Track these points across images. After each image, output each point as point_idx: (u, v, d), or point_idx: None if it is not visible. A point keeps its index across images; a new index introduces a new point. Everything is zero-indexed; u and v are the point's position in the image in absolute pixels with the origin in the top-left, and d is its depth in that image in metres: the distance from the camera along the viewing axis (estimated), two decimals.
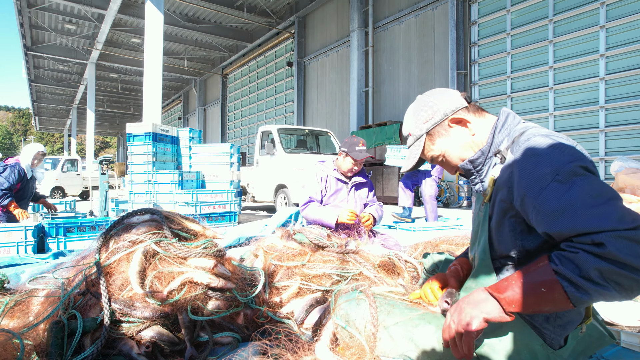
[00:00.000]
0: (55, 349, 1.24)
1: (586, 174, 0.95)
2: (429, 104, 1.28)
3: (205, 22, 17.26)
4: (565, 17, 8.38)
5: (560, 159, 0.97)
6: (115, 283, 1.42)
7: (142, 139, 6.82)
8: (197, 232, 1.74)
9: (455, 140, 1.24)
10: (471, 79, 10.30)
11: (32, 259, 3.16)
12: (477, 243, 1.25)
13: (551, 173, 0.96)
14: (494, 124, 1.20)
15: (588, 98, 8.16)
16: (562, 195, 0.94)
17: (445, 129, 1.25)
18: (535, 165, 1.00)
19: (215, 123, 24.31)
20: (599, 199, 0.90)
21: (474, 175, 1.23)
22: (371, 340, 1.14)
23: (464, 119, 1.23)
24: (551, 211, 0.95)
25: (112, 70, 23.54)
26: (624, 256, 0.81)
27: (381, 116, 12.75)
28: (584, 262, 0.85)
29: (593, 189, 0.92)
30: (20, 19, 15.87)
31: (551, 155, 0.99)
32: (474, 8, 10.23)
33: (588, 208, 0.89)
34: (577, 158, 0.97)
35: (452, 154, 1.26)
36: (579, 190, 0.92)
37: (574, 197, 0.92)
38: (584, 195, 0.91)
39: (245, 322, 1.64)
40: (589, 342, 1.15)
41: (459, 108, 1.24)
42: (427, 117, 1.26)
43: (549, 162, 0.98)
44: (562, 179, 0.95)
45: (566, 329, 1.08)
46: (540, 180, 0.97)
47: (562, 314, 1.06)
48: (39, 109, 34.00)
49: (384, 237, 3.08)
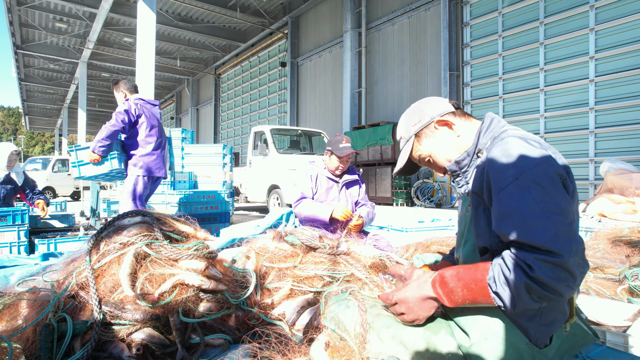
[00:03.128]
0: (45, 352, 1.23)
1: (542, 185, 0.99)
2: (418, 110, 1.37)
3: (198, 22, 17.19)
4: (555, 20, 8.48)
5: (524, 164, 1.03)
6: (106, 285, 1.42)
7: None
8: (189, 234, 1.74)
9: (441, 141, 1.32)
10: (463, 80, 10.37)
11: (21, 260, 3.12)
12: (462, 244, 1.28)
13: (512, 175, 1.02)
14: (479, 128, 1.26)
15: (578, 100, 8.26)
16: (514, 199, 1.00)
17: (432, 131, 1.33)
18: (502, 165, 1.06)
19: (208, 123, 24.22)
20: (544, 212, 0.96)
21: (460, 176, 1.28)
22: (360, 342, 1.15)
23: (449, 121, 1.30)
24: (500, 212, 1.03)
25: (103, 69, 23.33)
26: (547, 279, 0.92)
27: (374, 117, 12.80)
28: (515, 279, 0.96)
29: (543, 200, 0.98)
30: (9, 16, 15.67)
31: (518, 158, 1.04)
32: (466, 10, 10.31)
33: (529, 218, 0.97)
34: (540, 164, 1.02)
35: (438, 154, 1.33)
36: (530, 198, 0.98)
37: (523, 204, 0.99)
38: (532, 204, 0.98)
39: (236, 324, 1.64)
40: (573, 340, 1.17)
41: (446, 112, 1.33)
42: (416, 120, 1.36)
43: (513, 165, 1.04)
44: (520, 183, 1.01)
45: (551, 328, 1.10)
46: (502, 180, 1.04)
47: (546, 313, 1.09)
48: (29, 108, 33.58)
49: (375, 238, 3.09)
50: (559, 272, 0.92)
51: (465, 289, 1.06)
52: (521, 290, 0.95)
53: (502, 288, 0.99)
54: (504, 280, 0.98)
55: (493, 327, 1.09)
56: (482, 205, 1.15)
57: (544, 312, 1.08)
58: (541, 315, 1.09)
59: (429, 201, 10.32)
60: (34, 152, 75.68)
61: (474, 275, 1.05)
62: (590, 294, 1.98)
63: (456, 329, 1.16)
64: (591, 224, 4.49)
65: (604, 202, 5.44)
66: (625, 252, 2.56)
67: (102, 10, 14.28)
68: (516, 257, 0.98)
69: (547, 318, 1.09)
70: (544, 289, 0.93)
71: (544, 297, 0.95)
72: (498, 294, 1.00)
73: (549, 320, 1.09)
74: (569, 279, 0.93)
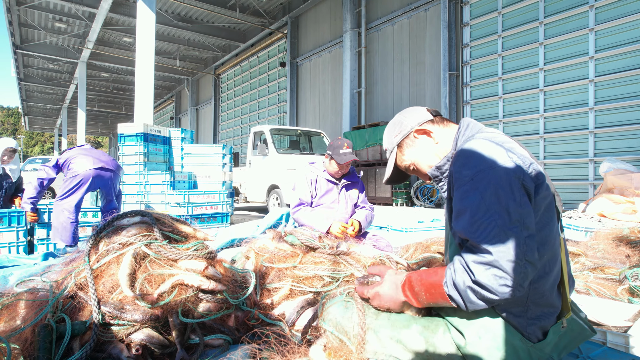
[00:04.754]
0: (44, 353, 1.23)
1: (495, 186, 1.04)
2: (398, 122, 1.45)
3: (198, 22, 17.18)
4: (555, 20, 8.48)
5: (481, 165, 1.07)
6: (105, 286, 1.41)
7: (133, 139, 6.77)
8: (188, 234, 1.73)
9: (421, 149, 1.39)
10: (463, 80, 10.37)
11: (20, 260, 3.12)
12: (449, 246, 1.31)
13: (469, 176, 1.08)
14: (457, 133, 1.30)
15: (577, 100, 8.26)
16: (466, 198, 1.07)
17: (412, 140, 1.40)
18: (462, 165, 1.12)
19: (208, 123, 24.21)
20: (489, 213, 1.02)
21: (442, 181, 1.31)
22: (359, 343, 1.15)
23: (427, 129, 1.37)
24: (455, 211, 1.11)
25: (103, 69, 23.33)
26: (486, 281, 0.99)
27: (374, 117, 12.79)
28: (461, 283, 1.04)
29: (491, 201, 1.03)
30: (9, 16, 15.66)
31: (476, 159, 1.09)
32: (465, 10, 10.30)
33: (477, 218, 1.03)
34: (497, 166, 1.05)
35: (420, 162, 1.40)
36: (480, 198, 1.04)
37: (473, 204, 1.05)
38: (481, 205, 1.04)
39: (236, 324, 1.63)
40: (571, 336, 1.18)
41: (424, 121, 1.39)
42: (397, 131, 1.44)
43: (471, 166, 1.09)
44: (474, 183, 1.07)
45: (539, 322, 1.12)
46: (460, 180, 1.11)
47: (532, 308, 1.12)
48: (28, 108, 33.56)
49: (375, 238, 3.08)
50: (494, 271, 0.98)
51: (427, 292, 1.14)
52: (468, 292, 1.03)
53: (454, 291, 1.06)
54: (452, 284, 1.06)
55: (486, 325, 1.11)
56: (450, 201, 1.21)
57: (530, 307, 1.11)
58: (527, 311, 1.11)
59: (429, 201, 10.32)
60: (33, 152, 75.61)
61: (433, 280, 1.13)
62: (591, 294, 1.97)
63: (452, 329, 1.17)
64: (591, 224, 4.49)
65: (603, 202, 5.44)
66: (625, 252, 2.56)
67: (102, 10, 14.27)
68: (462, 260, 1.05)
69: (532, 313, 1.12)
70: (485, 289, 1.00)
71: (486, 299, 1.01)
72: (451, 296, 1.07)
73: (535, 314, 1.12)
74: (505, 278, 0.98)
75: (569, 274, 1.23)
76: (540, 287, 1.11)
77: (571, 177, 8.39)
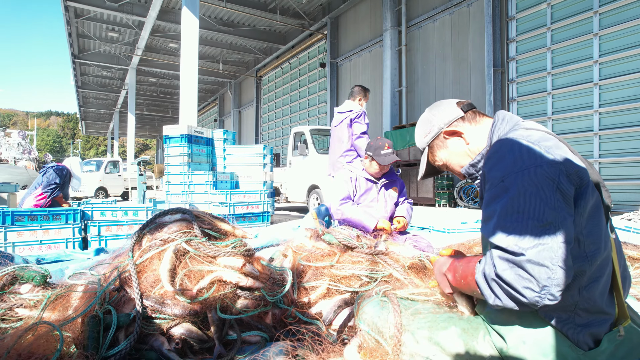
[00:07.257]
0: (92, 342, 1.29)
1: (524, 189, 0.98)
2: (426, 120, 1.41)
3: (239, 26, 17.60)
4: (612, 8, 7.94)
5: (512, 166, 1.02)
6: (147, 280, 1.46)
7: (178, 141, 7.03)
8: (227, 232, 1.77)
9: (453, 150, 1.35)
10: (509, 76, 9.95)
11: (75, 255, 3.32)
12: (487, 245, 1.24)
13: (500, 177, 1.04)
14: (491, 128, 1.24)
15: (638, 93, 7.69)
16: (495, 201, 1.03)
17: (442, 141, 1.36)
18: (493, 165, 1.08)
19: (250, 125, 24.73)
20: (517, 216, 0.97)
21: (478, 178, 1.26)
22: (396, 344, 1.12)
23: (457, 130, 1.32)
24: (484, 214, 1.08)
25: (151, 74, 24.45)
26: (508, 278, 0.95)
27: (415, 116, 12.55)
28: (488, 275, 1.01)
29: (519, 204, 0.98)
30: (68, 29, 16.79)
31: (508, 159, 1.05)
32: (511, 3, 9.88)
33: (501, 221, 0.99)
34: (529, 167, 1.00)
35: (452, 162, 1.37)
36: (507, 202, 1.00)
37: (500, 207, 1.01)
38: (509, 208, 0.99)
39: (273, 322, 1.65)
40: (630, 346, 1.08)
41: (454, 120, 1.33)
42: (426, 131, 1.40)
43: (502, 167, 1.04)
44: (504, 185, 1.02)
45: (589, 329, 1.04)
46: (491, 180, 1.07)
47: (580, 314, 1.04)
48: (85, 114, 35.82)
49: (416, 239, 3.01)
50: (518, 271, 0.94)
51: (464, 270, 1.14)
52: (493, 284, 0.99)
53: (481, 278, 1.04)
54: (481, 272, 1.04)
55: (530, 330, 1.06)
56: None
57: (578, 314, 1.04)
58: (575, 317, 1.04)
59: (473, 202, 9.98)
60: (89, 155, 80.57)
61: (472, 263, 1.13)
62: None
63: (492, 332, 1.13)
64: None
65: None
66: None
67: (150, 18, 14.97)
68: (491, 253, 1.01)
69: (581, 319, 1.04)
70: (509, 287, 0.95)
71: (516, 299, 0.96)
72: (478, 283, 1.05)
73: (584, 321, 1.04)
74: (530, 281, 0.92)
75: (624, 275, 1.13)
76: (589, 292, 1.03)
77: (630, 176, 7.82)
